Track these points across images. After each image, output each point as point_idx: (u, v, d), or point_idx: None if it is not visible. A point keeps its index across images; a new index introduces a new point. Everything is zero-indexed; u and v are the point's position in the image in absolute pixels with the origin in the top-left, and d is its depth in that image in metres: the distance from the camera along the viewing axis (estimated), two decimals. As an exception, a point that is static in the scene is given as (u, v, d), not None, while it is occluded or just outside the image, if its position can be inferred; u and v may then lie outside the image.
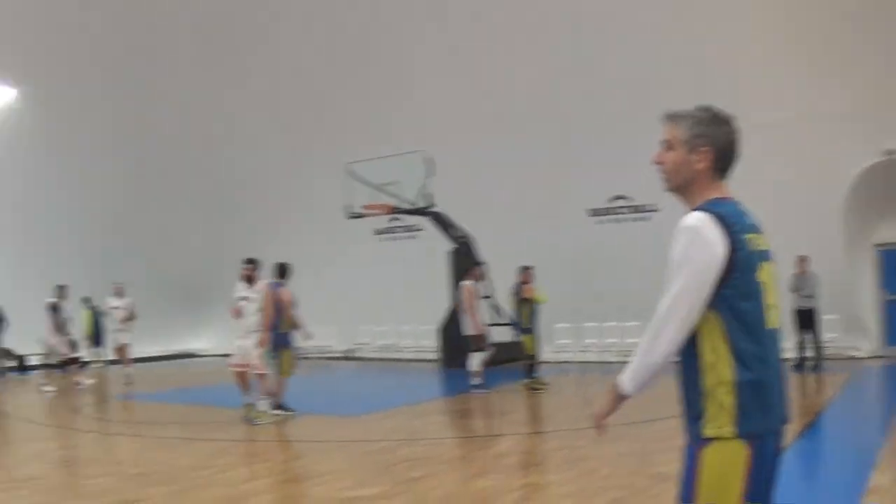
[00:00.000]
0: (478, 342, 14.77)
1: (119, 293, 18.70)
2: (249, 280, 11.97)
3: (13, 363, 23.73)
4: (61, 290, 17.91)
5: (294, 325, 12.25)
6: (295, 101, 24.50)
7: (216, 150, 26.20)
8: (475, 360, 14.63)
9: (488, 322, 15.96)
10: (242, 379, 11.86)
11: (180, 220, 27.27)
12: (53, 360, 17.23)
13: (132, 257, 25.86)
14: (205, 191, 27.09)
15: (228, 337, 25.56)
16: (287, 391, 12.15)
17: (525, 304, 14.84)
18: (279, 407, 11.91)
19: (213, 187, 26.97)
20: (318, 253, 23.29)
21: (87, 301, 23.36)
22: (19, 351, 23.94)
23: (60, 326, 17.53)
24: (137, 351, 23.25)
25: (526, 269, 15.04)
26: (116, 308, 18.55)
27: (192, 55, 24.63)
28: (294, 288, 12.75)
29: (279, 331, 11.97)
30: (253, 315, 11.81)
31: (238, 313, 11.82)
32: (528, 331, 14.95)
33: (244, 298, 11.86)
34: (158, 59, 24.68)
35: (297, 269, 13.17)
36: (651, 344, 2.83)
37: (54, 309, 17.52)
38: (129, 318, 18.47)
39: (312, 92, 24.19)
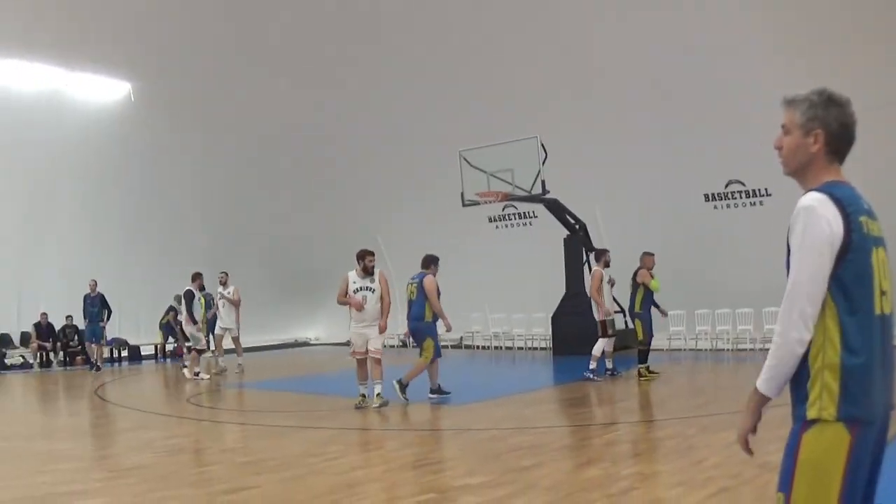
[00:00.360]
0: (605, 328, 14.95)
1: (224, 282, 19.12)
2: (367, 270, 12.20)
3: (125, 352, 24.79)
4: (195, 279, 18.21)
5: (437, 315, 12.64)
6: (409, 89, 24.62)
7: (330, 139, 26.55)
8: (599, 346, 14.86)
9: (614, 309, 15.93)
10: (363, 367, 12.18)
11: (294, 210, 27.86)
12: (199, 346, 17.64)
13: (246, 247, 26.59)
14: (319, 180, 27.54)
15: (341, 326, 26.30)
16: (417, 378, 12.49)
17: (639, 288, 14.90)
18: (438, 391, 12.46)
19: (327, 176, 27.37)
20: (431, 241, 23.34)
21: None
22: (132, 340, 25.02)
23: (196, 314, 17.76)
24: (251, 340, 23.97)
25: (647, 255, 15.08)
26: (222, 297, 19.02)
27: (304, 43, 25.05)
28: (407, 275, 13.02)
29: (425, 320, 12.51)
30: (374, 304, 12.14)
31: (360, 304, 12.02)
32: (639, 316, 14.95)
33: (366, 288, 12.10)
34: (271, 49, 25.15)
35: (409, 257, 13.39)
36: (781, 335, 2.84)
37: (189, 297, 17.80)
38: (235, 306, 18.88)
39: (427, 79, 24.22)
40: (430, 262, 13.02)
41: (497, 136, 20.50)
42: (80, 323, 22.72)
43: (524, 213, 23.76)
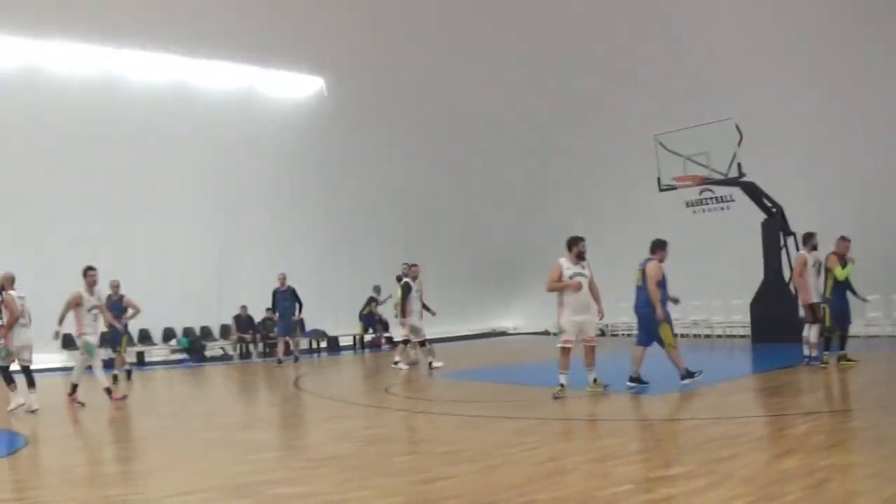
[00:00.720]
0: (814, 312, 14.77)
1: (414, 276, 18.93)
2: (580, 256, 12.46)
3: (323, 343, 25.83)
4: (410, 269, 18.66)
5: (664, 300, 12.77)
6: (604, 73, 24.48)
7: (523, 125, 26.80)
8: (812, 332, 14.74)
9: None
10: (568, 356, 12.26)
11: (491, 199, 28.27)
12: (418, 338, 18.11)
13: (442, 237, 27.21)
14: (515, 168, 27.85)
15: (538, 315, 26.49)
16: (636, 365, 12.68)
17: (829, 274, 14.67)
18: (637, 380, 12.55)
19: (522, 164, 27.65)
20: (628, 226, 23.23)
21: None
22: (331, 331, 26.05)
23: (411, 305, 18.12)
24: (451, 330, 24.47)
25: (842, 240, 14.72)
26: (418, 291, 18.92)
27: (494, 34, 25.44)
28: (608, 262, 13.06)
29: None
30: (587, 290, 12.39)
31: (580, 285, 12.25)
32: (827, 302, 14.66)
33: (579, 274, 12.32)
34: (460, 42, 25.63)
35: (609, 242, 13.44)
36: None
37: (406, 289, 18.16)
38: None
39: (621, 63, 24.09)
40: (656, 248, 12.93)
41: (692, 118, 20.38)
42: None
43: (721, 196, 23.28)
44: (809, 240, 15.22)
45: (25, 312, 13.54)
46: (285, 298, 21.71)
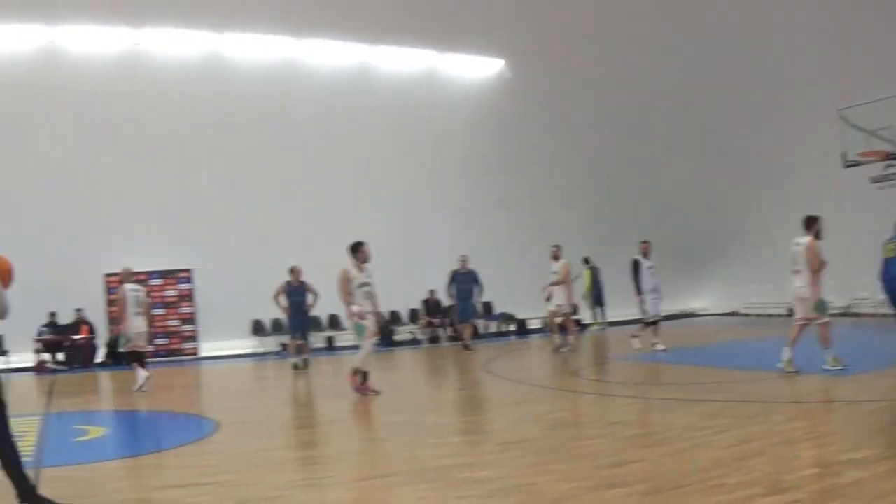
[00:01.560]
0: None
1: (556, 257, 18.88)
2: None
3: (513, 327, 26.13)
4: (641, 246, 18.07)
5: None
6: (786, 45, 23.72)
7: (703, 107, 26.30)
8: None
9: None
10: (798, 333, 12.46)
11: (674, 180, 27.89)
12: (646, 319, 17.84)
13: (630, 217, 27.01)
14: (695, 148, 27.37)
15: (729, 294, 26.00)
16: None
17: None
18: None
19: (708, 139, 27.14)
20: (811, 202, 22.47)
21: (587, 261, 25.02)
22: (520, 314, 26.32)
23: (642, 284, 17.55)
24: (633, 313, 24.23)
25: None
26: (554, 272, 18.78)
27: (676, 10, 25.07)
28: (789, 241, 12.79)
29: None
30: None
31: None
32: None
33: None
34: (642, 20, 25.38)
35: (788, 219, 13.11)
36: None
37: (635, 266, 17.59)
38: (559, 282, 18.69)
39: (804, 35, 23.29)
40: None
41: (877, 92, 19.50)
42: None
43: None
44: None
45: (141, 303, 15.59)
46: (465, 281, 21.54)
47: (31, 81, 21.66)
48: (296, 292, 18.16)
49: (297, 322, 18.57)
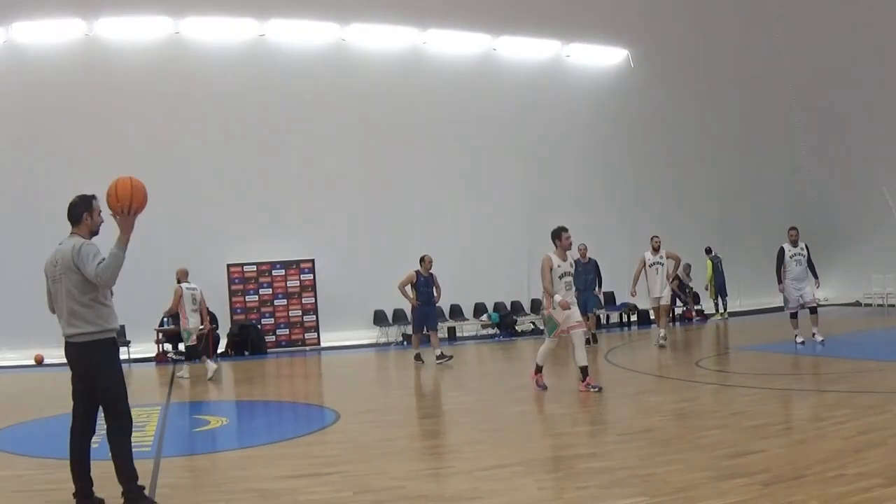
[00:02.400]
0: None
1: (656, 248, 18.53)
2: None
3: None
4: (793, 234, 16.87)
5: None
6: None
7: (825, 94, 25.84)
8: None
9: None
10: None
11: (797, 169, 27.51)
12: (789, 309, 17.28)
13: (753, 208, 26.71)
14: (826, 132, 26.89)
15: (848, 285, 25.50)
16: None
17: None
18: None
19: (834, 127, 26.61)
20: None
21: (709, 251, 24.85)
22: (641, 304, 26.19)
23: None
24: (760, 302, 23.94)
25: None
26: (656, 264, 18.38)
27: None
28: None
29: None
30: None
31: None
32: None
33: None
34: (762, 13, 25.06)
35: None
36: None
37: (780, 254, 16.75)
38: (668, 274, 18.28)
39: None
40: None
41: None
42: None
43: None
44: None
45: (197, 300, 16.82)
46: (587, 272, 20.13)
47: (159, 72, 22.43)
48: (426, 283, 17.82)
49: (426, 313, 18.07)
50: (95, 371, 6.36)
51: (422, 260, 17.93)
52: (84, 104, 21.51)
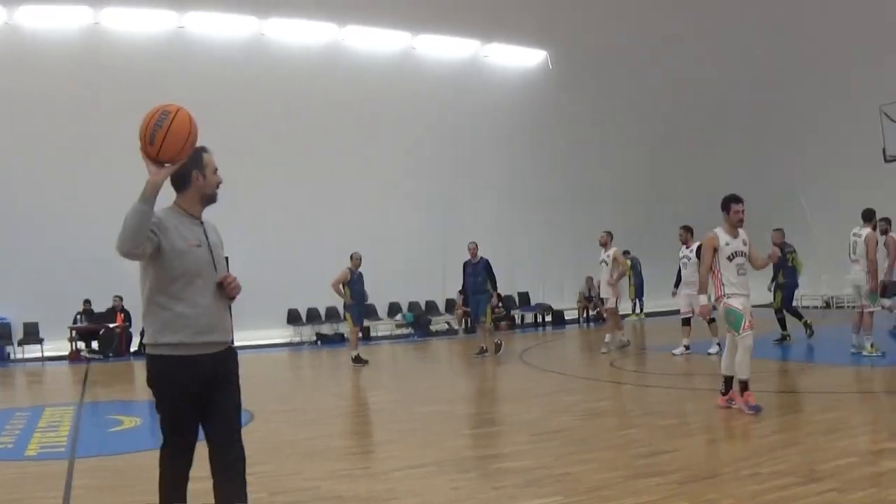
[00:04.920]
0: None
1: (605, 243, 17.54)
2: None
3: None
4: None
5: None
6: (828, 43, 23.64)
7: (743, 97, 26.28)
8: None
9: None
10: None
11: (709, 170, 27.89)
12: None
13: (668, 208, 27.04)
14: (733, 138, 27.36)
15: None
16: None
17: None
18: None
19: (742, 134, 27.12)
20: (853, 198, 22.44)
21: (627, 253, 25.11)
22: (556, 305, 26.38)
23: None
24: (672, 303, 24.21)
25: None
26: (602, 262, 17.61)
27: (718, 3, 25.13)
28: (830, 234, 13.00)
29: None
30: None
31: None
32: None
33: None
34: (681, 14, 25.33)
35: (830, 215, 13.27)
36: None
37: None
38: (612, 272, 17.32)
39: (843, 33, 23.23)
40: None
41: None
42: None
43: None
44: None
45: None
46: (476, 273, 18.21)
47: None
48: (358, 280, 17.36)
49: (359, 311, 17.74)
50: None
51: (351, 257, 17.50)
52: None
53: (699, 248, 15.36)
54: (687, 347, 15.45)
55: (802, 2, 23.73)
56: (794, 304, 17.53)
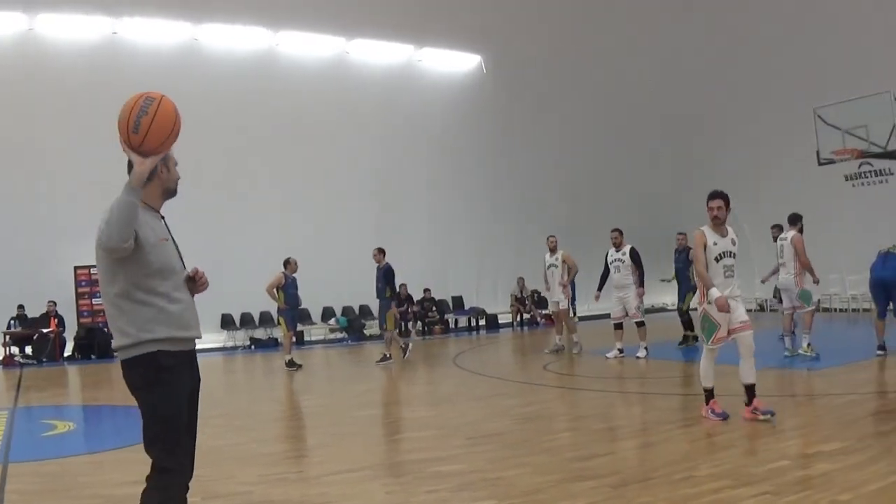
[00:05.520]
0: None
1: (553, 248, 17.82)
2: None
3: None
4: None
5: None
6: (762, 46, 24.02)
7: (679, 100, 26.59)
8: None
9: None
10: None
11: (641, 174, 28.22)
12: None
13: (602, 213, 27.24)
14: (665, 141, 27.69)
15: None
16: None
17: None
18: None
19: (675, 135, 27.44)
20: (787, 200, 22.86)
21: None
22: (490, 309, 26.41)
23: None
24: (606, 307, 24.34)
25: None
26: (551, 266, 17.72)
27: (653, 8, 25.35)
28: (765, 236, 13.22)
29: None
30: None
31: None
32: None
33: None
34: (616, 16, 25.62)
35: (758, 217, 13.50)
36: None
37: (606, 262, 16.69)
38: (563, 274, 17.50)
39: (777, 35, 23.65)
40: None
41: (851, 91, 20.01)
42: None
43: (880, 170, 22.64)
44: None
45: None
46: (377, 279, 17.95)
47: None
48: (293, 285, 17.28)
49: (294, 316, 17.72)
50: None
51: (286, 263, 17.32)
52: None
53: (632, 250, 15.83)
54: (620, 351, 15.57)
55: (736, 5, 24.01)
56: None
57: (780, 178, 24.30)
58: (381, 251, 17.81)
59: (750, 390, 8.64)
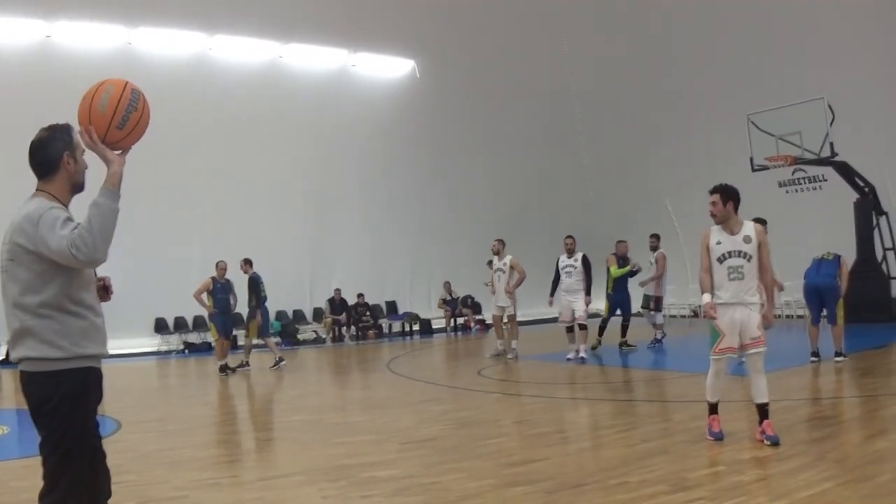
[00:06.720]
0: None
1: (498, 252, 17.54)
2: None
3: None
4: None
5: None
6: (693, 54, 24.32)
7: (614, 104, 26.86)
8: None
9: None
10: None
11: (582, 177, 28.42)
12: None
13: (536, 220, 27.38)
14: (605, 146, 27.95)
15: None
16: None
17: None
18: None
19: (613, 142, 27.70)
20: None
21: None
22: (423, 314, 26.36)
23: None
24: (533, 313, 24.40)
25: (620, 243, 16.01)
26: (497, 269, 17.48)
27: (586, 15, 25.55)
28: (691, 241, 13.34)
29: None
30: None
31: None
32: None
33: None
34: (549, 23, 25.75)
35: (699, 222, 13.65)
36: None
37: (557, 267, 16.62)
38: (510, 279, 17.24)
39: (712, 42, 23.88)
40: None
41: (785, 98, 20.38)
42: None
43: (814, 176, 23.00)
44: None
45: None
46: (223, 291, 17.37)
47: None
48: (222, 290, 17.00)
49: (225, 321, 17.40)
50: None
51: (216, 266, 17.14)
52: None
53: (584, 257, 16.00)
54: (578, 352, 15.68)
55: (671, 10, 24.28)
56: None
57: (714, 183, 24.63)
58: (248, 262, 17.81)
59: (761, 409, 7.93)
